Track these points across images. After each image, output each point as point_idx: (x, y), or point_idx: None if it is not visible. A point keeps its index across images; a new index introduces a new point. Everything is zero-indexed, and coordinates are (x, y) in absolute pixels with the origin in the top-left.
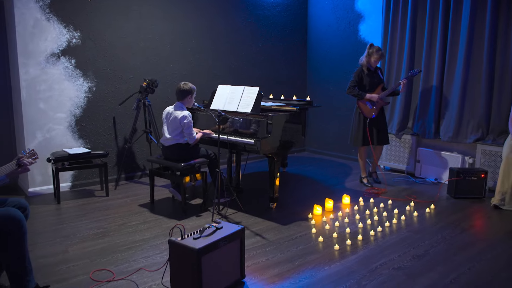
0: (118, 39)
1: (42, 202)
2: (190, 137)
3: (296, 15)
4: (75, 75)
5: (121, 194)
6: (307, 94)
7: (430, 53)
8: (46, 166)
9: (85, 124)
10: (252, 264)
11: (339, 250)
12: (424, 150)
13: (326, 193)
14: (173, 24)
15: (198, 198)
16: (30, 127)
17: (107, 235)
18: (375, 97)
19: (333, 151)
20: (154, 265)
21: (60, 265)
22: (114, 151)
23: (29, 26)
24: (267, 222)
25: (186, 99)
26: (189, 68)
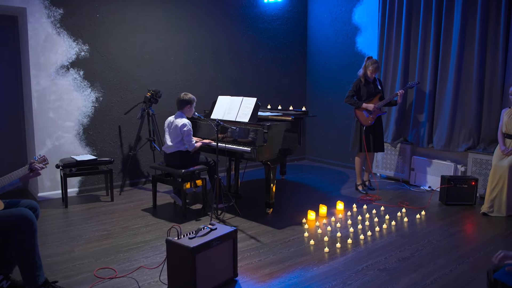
0: (124, 51)
1: (50, 206)
2: (189, 144)
3: (296, 27)
4: (83, 86)
5: (125, 199)
6: (307, 104)
7: (423, 64)
8: (54, 172)
9: (92, 132)
10: (245, 264)
11: (329, 253)
12: (419, 158)
13: (321, 200)
14: (176, 37)
15: (199, 203)
16: (40, 135)
17: (111, 237)
18: (371, 107)
19: (332, 159)
20: (154, 264)
21: (67, 263)
22: (119, 158)
23: (41, 40)
24: (262, 226)
25: (185, 109)
26: (192, 79)
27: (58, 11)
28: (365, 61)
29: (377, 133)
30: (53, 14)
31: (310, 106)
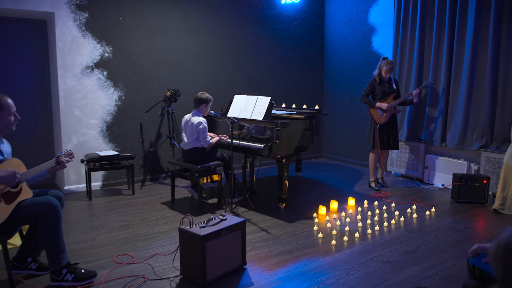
0: (145, 52)
1: (76, 199)
2: (205, 141)
3: (313, 28)
4: (107, 86)
5: (145, 193)
6: (324, 103)
7: (437, 64)
8: (80, 167)
9: (115, 129)
10: (255, 254)
11: (336, 245)
12: (432, 157)
13: (334, 196)
14: (196, 39)
15: (215, 197)
16: (66, 132)
17: (131, 227)
18: (385, 106)
19: (348, 157)
20: (169, 252)
21: (89, 250)
22: (141, 154)
23: (67, 42)
24: (274, 219)
25: (201, 107)
26: (210, 79)
27: (84, 15)
28: (380, 61)
29: (392, 131)
30: (79, 18)
31: (327, 106)
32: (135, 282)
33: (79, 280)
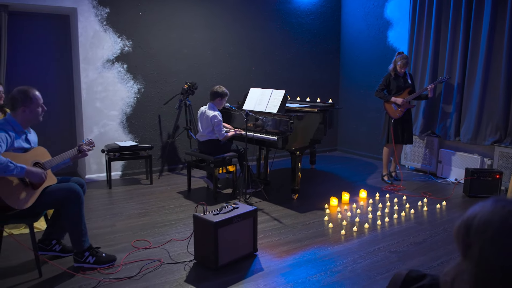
0: (164, 46)
1: (96, 187)
2: (219, 134)
3: (329, 22)
4: (127, 78)
5: (163, 183)
6: (339, 97)
7: (452, 59)
8: (100, 157)
9: (134, 121)
10: (266, 242)
11: (345, 235)
12: (446, 151)
13: (346, 188)
14: (213, 33)
15: (230, 188)
16: (88, 123)
17: (148, 215)
18: (399, 101)
19: (363, 151)
20: (183, 238)
21: (109, 235)
22: (159, 145)
23: (89, 36)
24: (286, 210)
25: (216, 101)
26: (227, 72)
27: (105, 10)
28: (395, 56)
29: (406, 125)
30: (100, 13)
31: (342, 99)
32: (152, 265)
33: (100, 263)
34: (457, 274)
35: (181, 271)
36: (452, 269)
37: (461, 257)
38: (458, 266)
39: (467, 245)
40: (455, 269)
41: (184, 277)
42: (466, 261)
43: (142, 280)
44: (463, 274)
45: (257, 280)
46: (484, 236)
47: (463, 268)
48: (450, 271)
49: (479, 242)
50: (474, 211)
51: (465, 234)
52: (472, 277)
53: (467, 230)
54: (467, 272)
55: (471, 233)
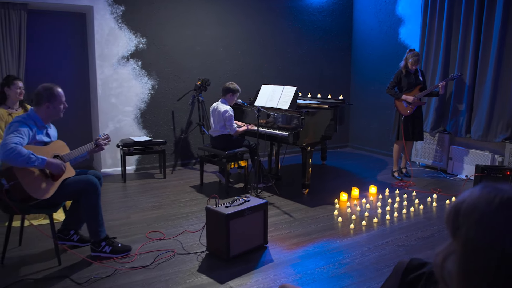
0: (177, 44)
1: (111, 181)
2: (231, 128)
3: (341, 19)
4: (141, 75)
5: (176, 177)
6: (351, 94)
7: (464, 56)
8: (115, 151)
9: (148, 116)
10: (276, 235)
11: (354, 229)
12: (457, 148)
13: (356, 184)
14: (225, 30)
15: (241, 183)
16: (103, 118)
17: (162, 208)
18: (410, 98)
19: (374, 147)
20: (196, 229)
21: (124, 227)
22: (172, 140)
23: (105, 34)
24: (297, 204)
25: (227, 96)
26: (239, 69)
27: (120, 8)
28: (406, 53)
29: (416, 122)
30: (115, 11)
31: (354, 96)
32: (165, 256)
33: (116, 253)
34: (447, 255)
35: (194, 261)
36: (443, 250)
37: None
38: (448, 247)
39: (456, 227)
40: (445, 250)
41: (196, 266)
42: (455, 242)
43: (156, 269)
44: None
45: (267, 271)
46: (471, 218)
47: (452, 248)
48: (441, 252)
49: (466, 224)
50: (463, 196)
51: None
52: (459, 257)
53: (456, 213)
54: (455, 252)
55: (459, 216)
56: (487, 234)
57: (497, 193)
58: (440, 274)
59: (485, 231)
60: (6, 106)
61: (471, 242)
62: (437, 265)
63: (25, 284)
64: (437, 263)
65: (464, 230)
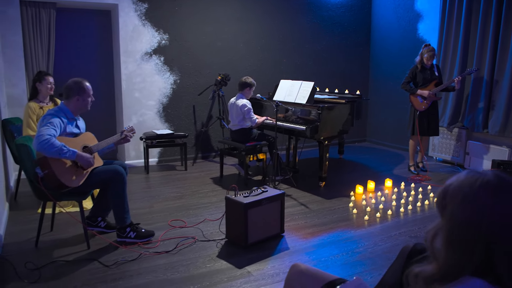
0: (199, 40)
1: (135, 172)
2: (251, 120)
3: (360, 14)
4: (163, 70)
5: (197, 169)
6: (369, 89)
7: (482, 51)
8: (138, 144)
9: (170, 110)
10: (292, 225)
11: (368, 220)
12: (474, 143)
13: (372, 177)
14: (245, 26)
15: (260, 175)
16: (127, 112)
17: (183, 198)
18: (426, 93)
19: (392, 142)
20: (216, 218)
21: (147, 215)
22: (193, 134)
23: (129, 30)
24: (313, 196)
25: (245, 91)
26: (258, 64)
27: (144, 6)
28: (422, 48)
29: (432, 117)
30: (139, 8)
31: (372, 91)
32: (187, 242)
33: (140, 238)
34: (436, 231)
35: (214, 247)
36: (433, 228)
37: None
38: (437, 225)
39: (443, 207)
40: (434, 228)
41: (216, 252)
42: (442, 219)
43: (178, 254)
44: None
45: (283, 258)
46: (456, 199)
47: (440, 226)
48: (431, 230)
49: (452, 204)
50: (451, 180)
51: (442, 198)
52: (445, 232)
53: (444, 195)
54: (442, 228)
55: (447, 197)
56: (468, 212)
57: (478, 177)
58: (430, 248)
59: (466, 210)
60: (38, 100)
61: (455, 219)
62: (428, 240)
63: (57, 265)
64: (428, 239)
65: (449, 209)
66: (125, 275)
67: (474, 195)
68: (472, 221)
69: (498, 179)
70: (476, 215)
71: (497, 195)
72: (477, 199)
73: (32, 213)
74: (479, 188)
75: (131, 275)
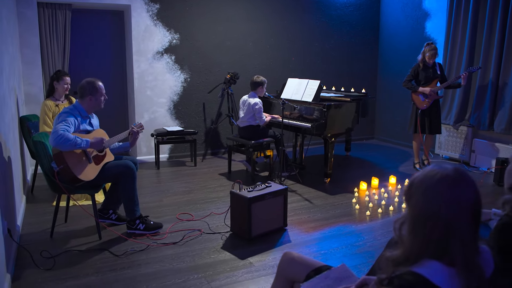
0: (209, 39)
1: (146, 167)
2: (260, 119)
3: (368, 13)
4: (174, 69)
5: (206, 165)
6: (378, 87)
7: (488, 50)
8: (150, 140)
9: (181, 108)
10: (296, 219)
11: (370, 215)
12: (479, 141)
13: (377, 174)
14: (255, 26)
15: (267, 171)
16: (139, 109)
17: (192, 193)
18: (427, 90)
19: (399, 139)
20: (222, 212)
21: (157, 208)
22: (203, 131)
23: (141, 30)
24: (318, 192)
25: (258, 89)
26: (267, 63)
27: (155, 6)
28: (424, 47)
29: (434, 115)
30: (151, 9)
31: (380, 89)
32: (193, 234)
33: (149, 230)
34: (404, 220)
35: (219, 240)
36: (401, 217)
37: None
38: (405, 214)
39: (409, 197)
40: (402, 217)
41: (221, 244)
42: (408, 208)
43: (185, 245)
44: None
45: (285, 250)
46: (419, 190)
47: (407, 214)
48: (400, 219)
49: (416, 194)
50: (418, 174)
51: (408, 189)
52: (409, 220)
53: (410, 187)
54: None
55: (412, 188)
56: (428, 202)
57: (439, 171)
58: (398, 235)
59: (427, 200)
60: (54, 98)
61: (417, 208)
62: (396, 229)
63: (71, 254)
64: (396, 227)
65: (414, 200)
66: (133, 264)
67: (434, 187)
68: (431, 210)
69: (456, 173)
70: (435, 204)
71: (454, 187)
72: (437, 190)
73: (47, 206)
74: (438, 180)
75: (139, 264)
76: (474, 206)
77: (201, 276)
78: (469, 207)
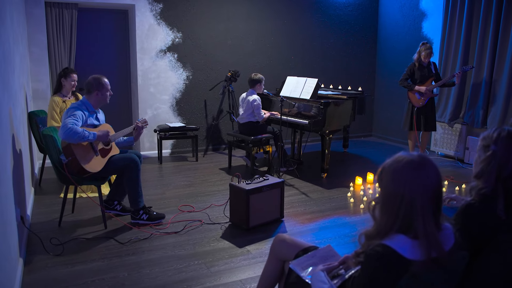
0: (211, 38)
1: (149, 162)
2: (259, 116)
3: (367, 13)
4: (177, 67)
5: (207, 160)
6: (376, 85)
7: (482, 49)
8: (152, 136)
9: (183, 104)
10: (292, 211)
11: (363, 208)
12: (473, 138)
13: (373, 170)
14: (255, 25)
15: (266, 166)
16: (142, 106)
17: (193, 186)
18: (423, 89)
19: (397, 137)
20: (221, 204)
21: (159, 201)
22: (204, 127)
23: (145, 29)
24: (314, 186)
25: (256, 87)
26: (267, 61)
27: (159, 6)
28: (420, 47)
29: (429, 113)
30: (155, 8)
31: (378, 87)
32: (194, 224)
33: (152, 220)
34: (376, 202)
35: (218, 229)
36: (374, 198)
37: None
38: (377, 195)
39: (381, 179)
40: (375, 199)
41: (220, 234)
42: (379, 190)
43: (186, 235)
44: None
45: None
46: (388, 173)
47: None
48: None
49: (385, 177)
50: (388, 160)
51: (380, 173)
52: (380, 200)
53: (381, 170)
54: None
55: (383, 172)
56: (396, 183)
57: (405, 156)
58: (372, 215)
59: (394, 181)
60: (61, 95)
61: (386, 189)
62: (370, 209)
63: (78, 241)
64: (370, 207)
65: (384, 181)
66: (137, 251)
67: (400, 170)
68: (398, 190)
69: (420, 158)
70: (401, 185)
71: (418, 170)
72: (402, 173)
73: (55, 197)
74: (404, 164)
75: (143, 251)
76: (435, 188)
77: (201, 262)
78: (431, 189)
